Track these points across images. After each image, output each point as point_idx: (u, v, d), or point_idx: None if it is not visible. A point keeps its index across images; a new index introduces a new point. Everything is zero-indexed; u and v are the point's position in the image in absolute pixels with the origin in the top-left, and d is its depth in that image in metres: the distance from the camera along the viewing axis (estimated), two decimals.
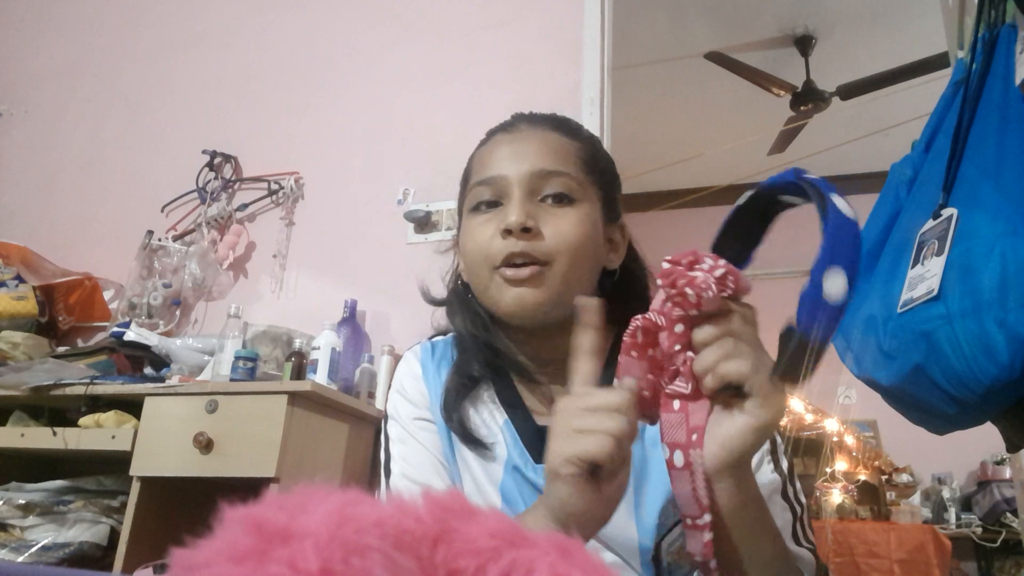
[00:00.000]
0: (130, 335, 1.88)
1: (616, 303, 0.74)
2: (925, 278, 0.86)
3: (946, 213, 0.89)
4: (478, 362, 0.81)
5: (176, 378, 1.62)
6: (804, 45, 3.87)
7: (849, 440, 4.05)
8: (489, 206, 0.78)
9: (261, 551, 0.23)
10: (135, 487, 1.46)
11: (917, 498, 4.00)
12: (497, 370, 0.82)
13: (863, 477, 3.93)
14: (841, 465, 3.96)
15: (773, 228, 0.60)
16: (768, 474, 0.73)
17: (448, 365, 0.84)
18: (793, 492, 0.74)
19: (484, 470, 0.78)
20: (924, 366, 0.84)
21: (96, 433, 1.55)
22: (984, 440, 2.70)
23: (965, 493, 4.08)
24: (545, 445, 0.57)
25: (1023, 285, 0.76)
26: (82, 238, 2.45)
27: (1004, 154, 0.86)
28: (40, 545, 1.51)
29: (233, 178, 2.33)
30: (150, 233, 2.25)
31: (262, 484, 1.38)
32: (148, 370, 1.83)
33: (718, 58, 3.67)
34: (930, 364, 0.84)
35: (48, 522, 1.55)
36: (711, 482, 0.54)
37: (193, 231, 2.28)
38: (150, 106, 2.58)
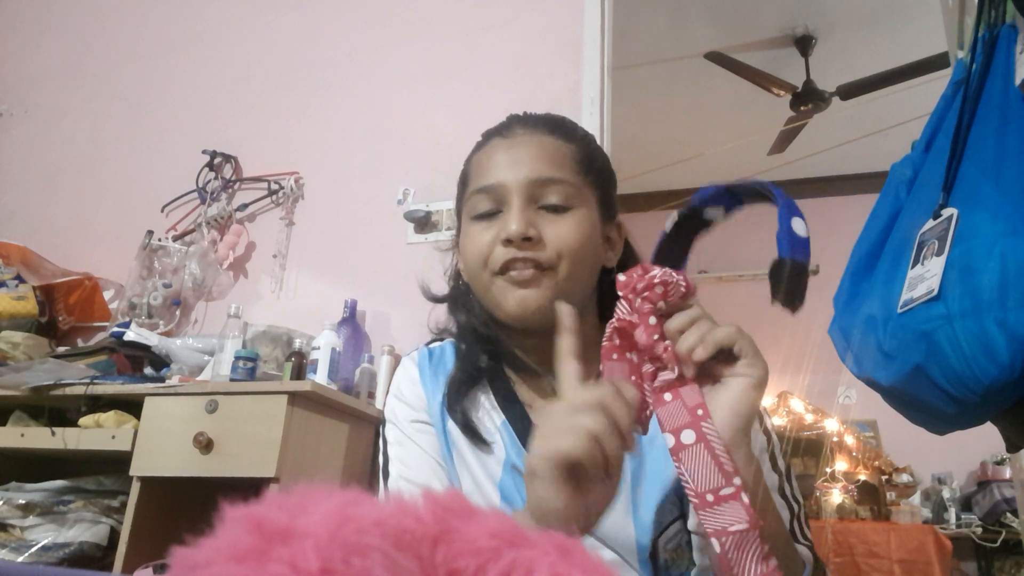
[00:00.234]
0: (130, 335, 1.88)
1: (613, 301, 0.75)
2: (925, 278, 0.86)
3: (946, 213, 0.88)
4: (481, 356, 0.82)
5: (176, 378, 1.62)
6: (804, 45, 3.86)
7: (849, 440, 4.05)
8: (488, 213, 0.78)
9: (262, 550, 0.23)
10: (135, 487, 1.46)
11: (917, 498, 4.00)
12: (494, 371, 0.83)
13: (863, 477, 3.93)
14: (841, 465, 3.96)
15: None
16: (766, 472, 0.74)
17: (445, 371, 0.85)
18: (790, 490, 0.76)
19: (483, 470, 0.78)
20: (924, 366, 0.84)
21: (96, 433, 1.55)
22: (984, 440, 2.70)
23: (965, 493, 4.07)
24: None
25: (1023, 285, 0.76)
26: (82, 238, 2.45)
27: (1004, 154, 0.86)
28: (40, 545, 1.51)
29: (233, 178, 2.33)
30: (150, 233, 2.25)
31: (262, 484, 1.38)
32: (148, 370, 1.83)
33: (718, 58, 3.67)
34: (930, 364, 0.83)
35: (48, 522, 1.55)
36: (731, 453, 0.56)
37: (193, 231, 2.28)
38: (150, 106, 2.58)
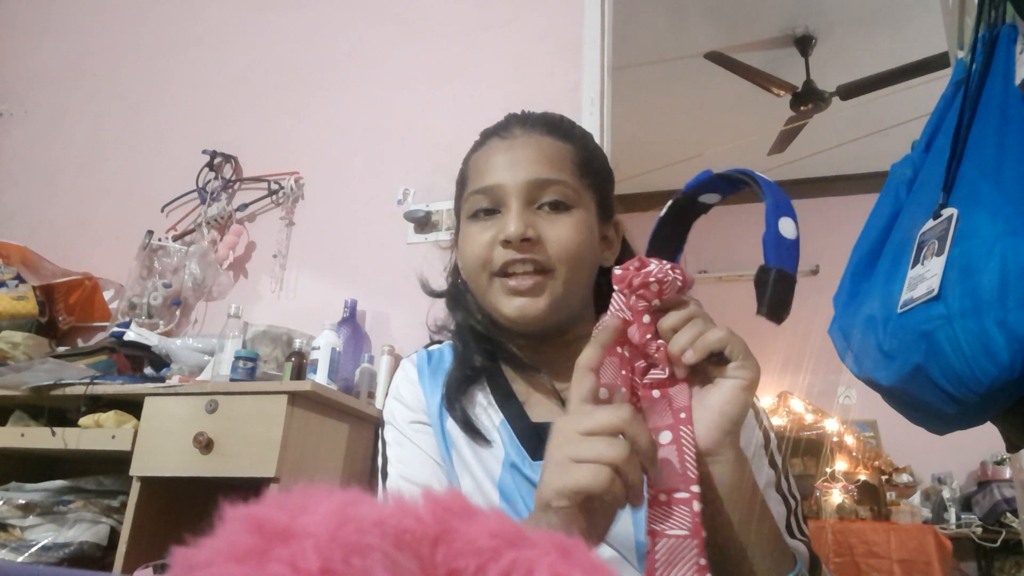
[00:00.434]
0: (130, 335, 1.88)
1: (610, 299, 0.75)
2: (925, 278, 0.86)
3: (946, 213, 0.88)
4: (479, 354, 0.82)
5: (176, 378, 1.62)
6: (804, 45, 3.86)
7: (849, 440, 4.05)
8: (487, 213, 0.79)
9: (262, 550, 0.23)
10: (135, 487, 1.46)
11: (917, 498, 4.00)
12: (492, 370, 0.83)
13: (863, 477, 3.93)
14: (841, 465, 3.96)
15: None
16: (763, 468, 0.75)
17: (444, 373, 0.85)
18: (787, 487, 0.76)
19: (483, 469, 0.78)
20: (924, 366, 0.84)
21: (96, 433, 1.55)
22: (984, 440, 2.70)
23: (965, 493, 4.07)
24: (542, 442, 0.57)
25: (1023, 285, 0.76)
26: (82, 238, 2.45)
27: (1004, 154, 0.86)
28: (40, 545, 1.51)
29: (233, 178, 2.33)
30: (150, 233, 2.25)
31: (262, 484, 1.38)
32: (148, 370, 1.83)
33: (718, 58, 3.67)
34: (930, 364, 0.84)
35: (48, 522, 1.55)
36: (710, 460, 0.56)
37: (193, 231, 2.28)
38: (150, 106, 2.58)
